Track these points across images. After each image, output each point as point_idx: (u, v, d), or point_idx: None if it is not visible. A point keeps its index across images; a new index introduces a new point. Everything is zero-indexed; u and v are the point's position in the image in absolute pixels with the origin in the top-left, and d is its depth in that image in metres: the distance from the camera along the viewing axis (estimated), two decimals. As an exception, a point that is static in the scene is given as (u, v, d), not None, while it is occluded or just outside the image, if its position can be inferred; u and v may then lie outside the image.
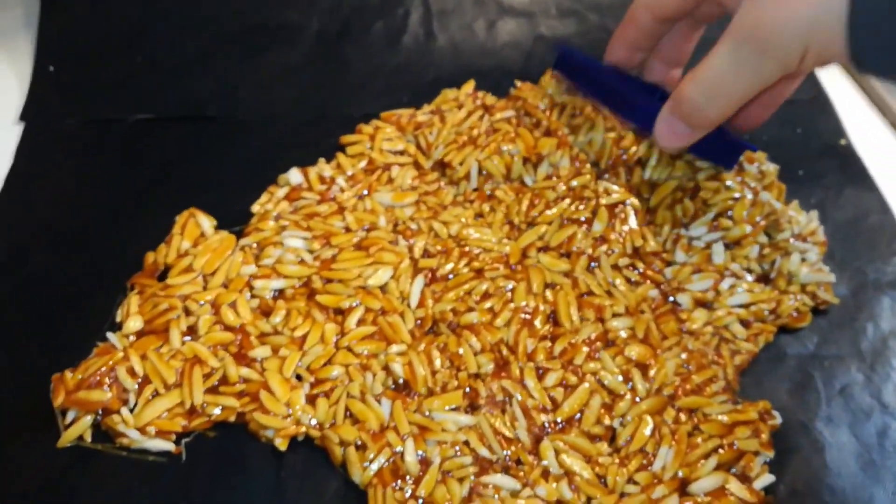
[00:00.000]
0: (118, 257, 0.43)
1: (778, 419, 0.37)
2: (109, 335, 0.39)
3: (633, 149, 0.47)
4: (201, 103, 0.52)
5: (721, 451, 0.35)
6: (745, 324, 0.41)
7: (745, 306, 0.41)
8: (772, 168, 0.46)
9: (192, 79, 0.53)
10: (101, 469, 0.35)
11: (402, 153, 0.48)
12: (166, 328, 0.39)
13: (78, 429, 0.36)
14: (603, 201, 0.44)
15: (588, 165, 0.46)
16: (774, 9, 0.32)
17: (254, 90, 0.53)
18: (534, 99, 0.49)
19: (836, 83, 0.57)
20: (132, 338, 0.39)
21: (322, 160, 0.47)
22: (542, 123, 0.47)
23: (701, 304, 0.41)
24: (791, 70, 0.33)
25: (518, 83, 0.50)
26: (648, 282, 0.42)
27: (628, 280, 0.42)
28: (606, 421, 0.36)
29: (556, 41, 0.57)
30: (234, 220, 0.45)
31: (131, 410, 0.36)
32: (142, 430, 0.36)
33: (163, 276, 0.42)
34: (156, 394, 0.37)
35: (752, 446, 0.35)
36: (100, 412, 0.36)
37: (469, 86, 0.51)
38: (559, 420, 0.36)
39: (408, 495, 0.34)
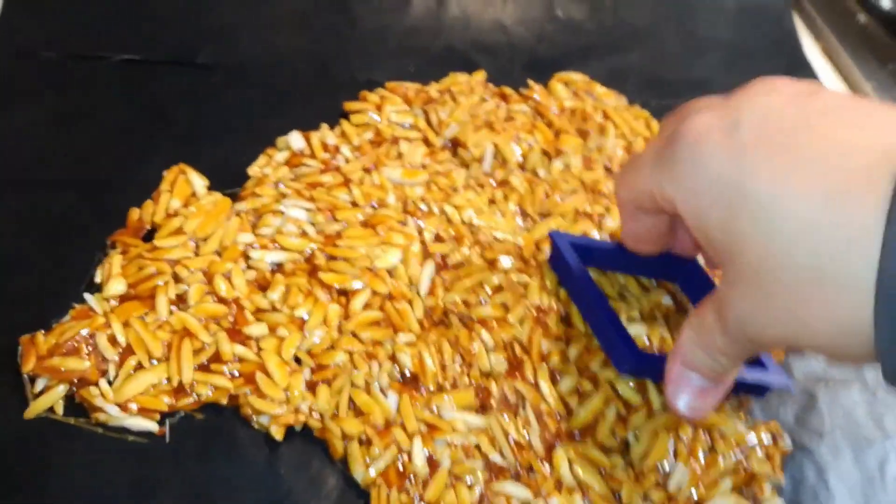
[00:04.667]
0: (97, 210, 0.39)
1: (788, 443, 0.36)
2: (88, 296, 0.35)
3: None
4: (195, 48, 0.47)
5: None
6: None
7: None
8: None
9: (187, 20, 0.49)
10: (73, 446, 0.32)
11: (410, 127, 0.45)
12: (152, 295, 0.35)
13: (49, 399, 0.32)
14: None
15: (600, 165, 0.45)
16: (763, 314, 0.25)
17: (253, 37, 0.49)
18: (545, 100, 0.47)
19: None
20: (113, 302, 0.35)
21: (325, 126, 0.44)
22: (553, 125, 0.46)
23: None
24: None
25: (530, 83, 0.48)
26: (660, 288, 0.41)
27: (640, 285, 0.41)
28: (620, 433, 0.35)
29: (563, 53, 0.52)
30: (228, 181, 0.41)
31: (110, 383, 0.33)
32: (122, 407, 0.32)
33: (148, 237, 0.38)
34: (139, 367, 0.33)
35: (765, 469, 0.34)
36: (75, 382, 0.33)
37: (480, 75, 0.49)
38: (573, 428, 0.35)
39: (416, 499, 0.32)
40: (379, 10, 0.52)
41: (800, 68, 0.54)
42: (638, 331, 0.38)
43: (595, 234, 0.42)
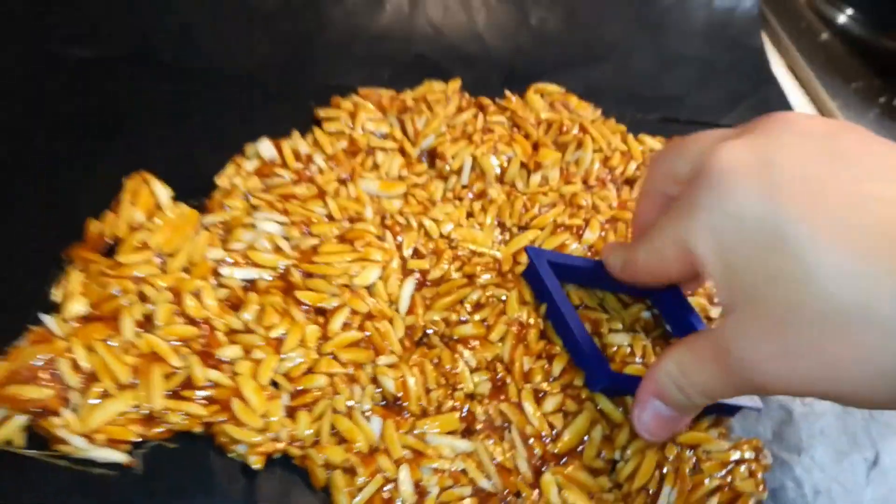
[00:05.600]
0: (48, 220, 0.36)
1: (769, 459, 0.36)
2: (45, 318, 0.32)
3: (620, 168, 0.45)
4: (154, 46, 0.45)
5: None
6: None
7: None
8: None
9: (144, 13, 0.46)
10: (35, 481, 0.29)
11: (386, 137, 0.43)
12: (116, 315, 0.33)
13: (7, 431, 0.30)
14: (600, 217, 0.42)
15: (578, 178, 0.44)
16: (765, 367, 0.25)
17: (216, 36, 0.47)
18: (523, 112, 0.46)
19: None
20: (74, 324, 0.33)
21: (296, 133, 0.42)
22: (531, 136, 0.45)
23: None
24: None
25: (507, 93, 0.48)
26: (638, 303, 0.40)
27: (619, 300, 0.40)
28: (607, 453, 0.34)
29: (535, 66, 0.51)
30: (191, 190, 0.39)
31: (74, 412, 0.31)
32: (88, 438, 0.30)
33: (108, 253, 0.36)
34: (105, 394, 0.31)
35: (748, 487, 0.34)
36: (35, 412, 0.30)
37: (456, 83, 0.47)
38: (559, 451, 0.34)
39: (404, 531, 0.30)
40: (349, 13, 0.50)
41: (767, 85, 0.55)
42: (621, 340, 0.38)
43: (574, 246, 0.41)
